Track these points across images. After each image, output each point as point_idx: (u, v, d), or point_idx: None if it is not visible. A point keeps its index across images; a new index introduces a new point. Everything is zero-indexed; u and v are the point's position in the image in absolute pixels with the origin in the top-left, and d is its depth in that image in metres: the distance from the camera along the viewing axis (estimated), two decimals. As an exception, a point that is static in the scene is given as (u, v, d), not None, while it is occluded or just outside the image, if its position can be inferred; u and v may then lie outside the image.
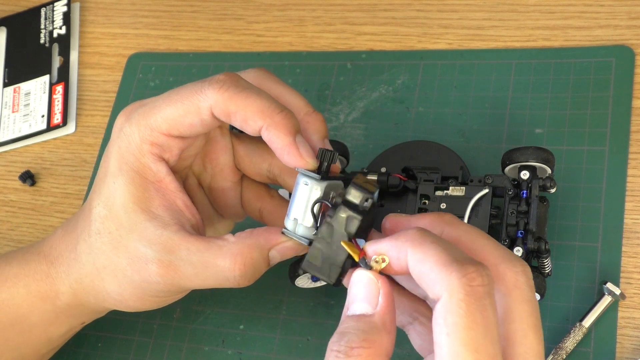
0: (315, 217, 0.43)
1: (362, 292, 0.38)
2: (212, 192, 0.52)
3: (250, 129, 0.45)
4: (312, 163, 0.45)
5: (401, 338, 0.54)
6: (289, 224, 0.45)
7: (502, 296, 0.38)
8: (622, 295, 0.51)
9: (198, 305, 0.59)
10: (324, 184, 0.43)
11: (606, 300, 0.51)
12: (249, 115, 0.44)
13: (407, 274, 0.38)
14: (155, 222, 0.46)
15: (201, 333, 0.58)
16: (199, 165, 0.52)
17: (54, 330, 0.53)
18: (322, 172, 0.44)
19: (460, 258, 0.36)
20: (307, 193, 0.44)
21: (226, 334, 0.57)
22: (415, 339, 0.43)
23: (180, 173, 0.50)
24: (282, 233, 0.45)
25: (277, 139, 0.44)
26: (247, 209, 0.53)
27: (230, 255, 0.45)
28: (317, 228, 0.43)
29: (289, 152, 0.44)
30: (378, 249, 0.39)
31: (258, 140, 0.50)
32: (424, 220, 0.41)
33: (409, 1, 0.67)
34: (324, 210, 0.43)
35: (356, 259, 0.39)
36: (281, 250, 0.46)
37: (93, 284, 0.49)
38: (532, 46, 0.62)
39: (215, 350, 0.57)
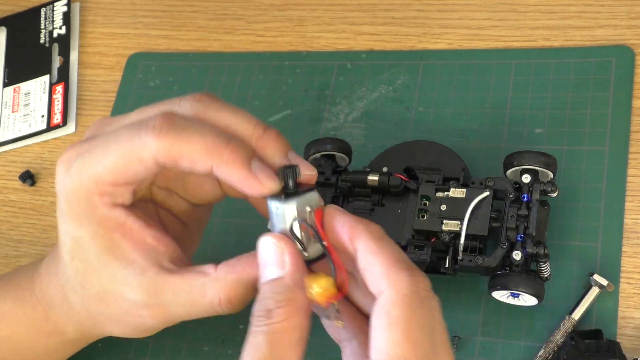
0: (298, 239, 0.41)
1: (270, 257, 0.40)
2: (188, 193, 0.50)
3: (200, 169, 0.42)
4: (274, 186, 0.42)
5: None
6: None
7: None
8: (610, 286, 0.51)
9: (198, 305, 0.59)
10: (294, 203, 0.41)
11: (594, 292, 0.51)
12: (195, 157, 0.42)
13: (350, 253, 0.40)
14: (132, 269, 0.45)
15: (201, 333, 0.58)
16: (163, 180, 0.49)
17: (60, 356, 0.53)
18: (289, 191, 0.42)
19: (410, 264, 0.39)
20: (281, 218, 0.41)
21: (226, 334, 0.57)
22: (348, 357, 0.43)
23: (144, 197, 0.48)
24: None
25: (232, 175, 0.42)
26: (230, 192, 0.50)
27: (214, 293, 0.44)
28: (303, 250, 0.41)
29: (247, 184, 0.42)
30: (340, 218, 0.41)
31: None
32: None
33: (409, 1, 0.67)
34: (304, 228, 0.41)
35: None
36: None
37: (94, 326, 0.49)
38: (532, 46, 0.62)
39: (215, 350, 0.57)
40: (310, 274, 0.41)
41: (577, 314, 0.51)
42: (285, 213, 0.41)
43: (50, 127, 0.70)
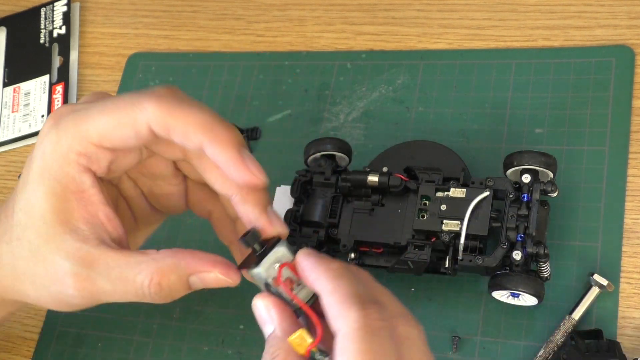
0: (280, 296, 0.43)
1: (262, 316, 0.43)
2: (153, 196, 0.51)
3: (191, 144, 0.43)
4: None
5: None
6: None
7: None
8: (610, 286, 0.51)
9: (198, 305, 0.59)
10: (262, 266, 0.43)
11: (594, 291, 0.51)
12: (189, 129, 0.42)
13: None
14: (74, 235, 0.44)
15: (201, 333, 0.58)
16: (135, 172, 0.49)
17: None
18: (256, 254, 0.43)
19: (364, 297, 0.40)
20: (258, 281, 0.43)
21: (226, 334, 0.57)
22: None
23: (113, 180, 0.49)
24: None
25: (222, 153, 0.43)
26: (195, 209, 0.51)
27: (147, 272, 0.43)
28: (289, 302, 0.43)
29: (235, 166, 0.43)
30: (304, 264, 0.42)
31: None
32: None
33: (409, 1, 0.67)
34: (278, 284, 0.43)
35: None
36: (204, 279, 0.44)
37: (13, 285, 0.48)
38: (532, 46, 0.62)
39: (215, 350, 0.57)
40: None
41: (577, 314, 0.51)
42: (259, 276, 0.43)
43: (50, 127, 0.70)
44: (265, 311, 0.43)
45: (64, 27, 0.75)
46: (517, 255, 0.49)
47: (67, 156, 0.44)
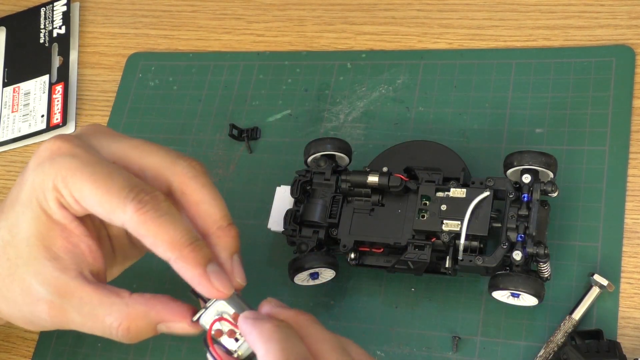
0: (224, 348, 0.45)
1: None
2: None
3: (159, 255, 0.45)
4: (227, 292, 0.44)
5: (403, 339, 0.55)
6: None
7: None
8: (610, 286, 0.51)
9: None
10: (201, 321, 0.45)
11: (594, 291, 0.51)
12: (158, 243, 0.44)
13: None
14: (54, 263, 0.46)
15: (201, 333, 0.58)
16: None
17: None
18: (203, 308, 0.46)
19: (291, 358, 0.41)
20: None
21: (226, 334, 0.57)
22: None
23: None
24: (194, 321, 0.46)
25: (186, 272, 0.44)
26: None
27: (117, 316, 0.45)
28: (232, 352, 0.44)
29: (199, 284, 0.44)
30: (242, 327, 0.44)
31: None
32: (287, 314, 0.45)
33: (409, 1, 0.67)
34: (217, 336, 0.45)
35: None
36: (171, 327, 0.46)
37: None
38: (532, 46, 0.62)
39: (215, 350, 0.57)
40: None
41: (577, 314, 0.51)
42: (203, 328, 0.45)
43: (50, 127, 0.70)
44: None
45: (63, 27, 0.75)
46: (517, 255, 0.49)
47: (51, 192, 0.45)
